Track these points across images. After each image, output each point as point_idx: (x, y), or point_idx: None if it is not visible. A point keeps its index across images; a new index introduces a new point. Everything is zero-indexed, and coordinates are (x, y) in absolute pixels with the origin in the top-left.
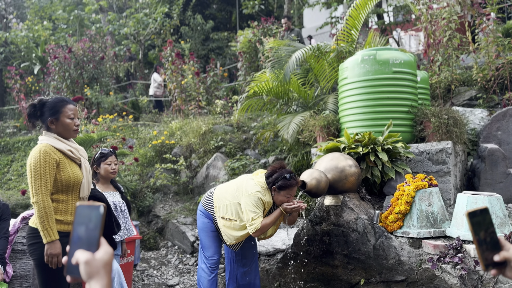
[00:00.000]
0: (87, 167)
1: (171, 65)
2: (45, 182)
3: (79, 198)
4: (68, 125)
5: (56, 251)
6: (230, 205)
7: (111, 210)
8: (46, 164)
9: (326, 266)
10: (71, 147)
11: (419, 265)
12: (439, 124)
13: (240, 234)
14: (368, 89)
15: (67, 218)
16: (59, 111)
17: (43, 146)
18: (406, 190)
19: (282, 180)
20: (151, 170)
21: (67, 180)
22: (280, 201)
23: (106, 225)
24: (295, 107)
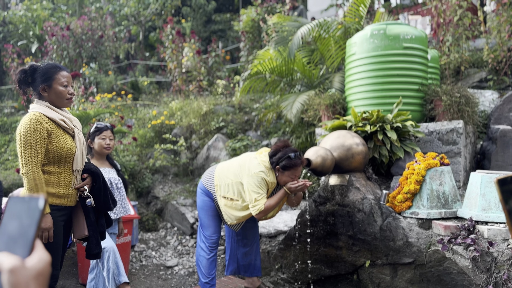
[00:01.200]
0: (81, 138)
1: (171, 44)
2: (35, 152)
3: (72, 170)
4: (61, 93)
5: (47, 224)
6: (232, 184)
7: (106, 185)
8: (36, 133)
9: (330, 247)
10: (64, 117)
11: (428, 247)
12: (451, 103)
13: (241, 214)
14: (377, 66)
15: (59, 191)
16: (51, 78)
17: (34, 114)
18: (417, 168)
19: (286, 160)
20: (151, 151)
21: (59, 151)
22: (284, 182)
23: (101, 200)
24: (299, 87)
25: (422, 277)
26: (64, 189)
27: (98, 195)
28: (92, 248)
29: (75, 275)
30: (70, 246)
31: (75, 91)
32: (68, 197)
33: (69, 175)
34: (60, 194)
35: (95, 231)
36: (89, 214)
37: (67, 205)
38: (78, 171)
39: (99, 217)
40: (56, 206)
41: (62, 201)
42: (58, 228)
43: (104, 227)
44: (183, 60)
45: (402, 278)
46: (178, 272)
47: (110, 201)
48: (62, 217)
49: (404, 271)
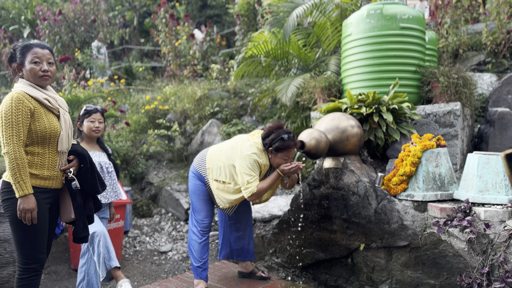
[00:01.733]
0: (67, 119)
1: (164, 27)
2: (17, 131)
3: (57, 151)
4: (31, 70)
5: (29, 205)
6: (224, 167)
7: (94, 168)
8: (18, 112)
9: (324, 231)
10: (47, 96)
11: (424, 230)
12: (448, 85)
13: (234, 197)
14: (374, 46)
15: (43, 173)
16: (23, 56)
17: (16, 93)
18: (412, 150)
19: (279, 141)
20: (144, 137)
21: (43, 131)
22: (277, 164)
23: (88, 183)
24: (295, 70)
25: (417, 260)
26: (48, 170)
27: (85, 177)
28: (79, 231)
29: (67, 261)
30: (63, 232)
31: (66, 75)
32: (53, 179)
33: (54, 156)
34: (44, 176)
35: (82, 214)
36: (76, 197)
37: (52, 187)
38: (64, 152)
39: (87, 200)
40: (40, 188)
41: (46, 183)
42: (44, 211)
43: (92, 210)
44: (176, 43)
45: (397, 261)
46: (172, 257)
47: (98, 184)
48: (47, 199)
49: (399, 254)
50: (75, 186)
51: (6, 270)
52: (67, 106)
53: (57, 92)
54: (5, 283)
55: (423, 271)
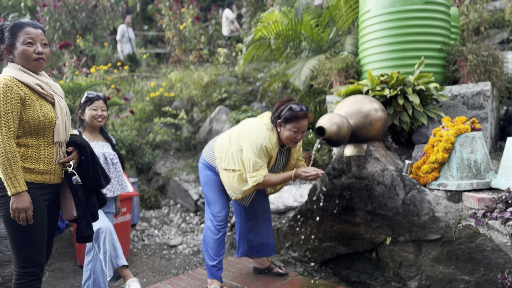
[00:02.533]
0: (63, 106)
1: (168, 11)
2: (6, 122)
3: (53, 143)
4: (24, 52)
5: (23, 204)
6: (233, 154)
7: (96, 160)
8: (7, 100)
9: (346, 223)
10: (40, 81)
11: (458, 222)
12: (477, 63)
13: (246, 187)
14: (395, 23)
15: (38, 167)
16: (14, 36)
17: (5, 79)
18: (445, 135)
19: (288, 111)
20: (150, 125)
21: (36, 121)
22: (286, 137)
23: (91, 177)
24: (307, 52)
25: (450, 254)
26: (44, 164)
27: (86, 171)
28: (82, 230)
29: (72, 257)
30: (68, 226)
31: (67, 62)
32: (50, 174)
33: (50, 148)
34: (40, 170)
35: (84, 212)
36: (77, 193)
37: (50, 182)
38: (61, 143)
39: (90, 196)
40: (37, 184)
41: (43, 178)
42: (41, 209)
43: (95, 206)
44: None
45: (428, 256)
46: (182, 251)
47: (101, 177)
48: (45, 196)
49: (430, 248)
50: (76, 181)
51: (8, 268)
52: (63, 92)
53: (58, 80)
54: (7, 281)
55: (457, 266)
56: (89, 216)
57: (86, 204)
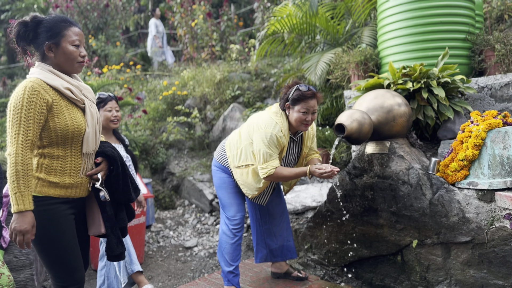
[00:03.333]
0: (94, 113)
1: (180, 8)
2: (25, 129)
3: (81, 154)
4: (71, 53)
5: (22, 226)
6: (243, 149)
7: (126, 171)
8: (31, 105)
9: (368, 225)
10: (70, 85)
11: (491, 223)
12: (505, 53)
13: (260, 184)
14: (416, 12)
15: (64, 180)
16: (60, 34)
17: (31, 81)
18: (475, 130)
19: (295, 91)
20: (164, 125)
21: (64, 130)
22: (296, 120)
23: (120, 190)
24: (322, 46)
25: (481, 258)
26: (70, 177)
27: (115, 184)
28: (113, 248)
29: None
30: None
31: None
32: (76, 187)
33: (77, 159)
34: (65, 184)
35: (114, 228)
36: (105, 208)
37: (76, 196)
38: (90, 154)
39: (119, 210)
40: (59, 199)
41: (68, 192)
42: (68, 224)
43: (125, 221)
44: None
45: (457, 259)
46: (198, 253)
47: (131, 190)
48: (70, 209)
49: (459, 251)
50: (103, 198)
51: (23, 273)
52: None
53: None
54: (22, 287)
55: (489, 270)
56: (118, 232)
57: (115, 220)
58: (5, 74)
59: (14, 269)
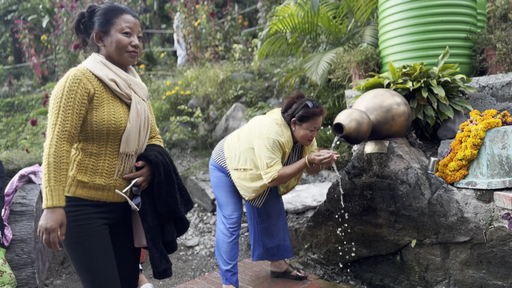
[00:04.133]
0: (141, 110)
1: (183, 8)
2: (63, 119)
3: (118, 153)
4: (119, 41)
5: (50, 223)
6: (243, 153)
7: (173, 180)
8: (71, 93)
9: (368, 225)
10: (117, 76)
11: (489, 223)
12: (507, 52)
13: (258, 184)
14: (417, 11)
15: (94, 180)
16: (109, 22)
17: (76, 70)
18: (473, 130)
19: (303, 109)
20: (167, 124)
21: (100, 124)
22: (302, 137)
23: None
24: (324, 45)
25: (480, 258)
26: (102, 178)
27: (157, 194)
28: (156, 264)
29: None
30: None
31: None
32: (108, 190)
33: (113, 159)
34: (94, 185)
35: (155, 241)
36: (146, 217)
37: (108, 200)
38: (129, 155)
39: (165, 222)
40: (87, 201)
41: (98, 194)
42: (97, 229)
43: (172, 235)
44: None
45: (456, 259)
46: (199, 252)
47: (178, 203)
48: (102, 215)
49: (458, 251)
50: (134, 207)
51: (24, 272)
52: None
53: None
54: (24, 285)
55: (488, 270)
56: (161, 245)
57: (158, 232)
58: (12, 74)
59: (16, 267)
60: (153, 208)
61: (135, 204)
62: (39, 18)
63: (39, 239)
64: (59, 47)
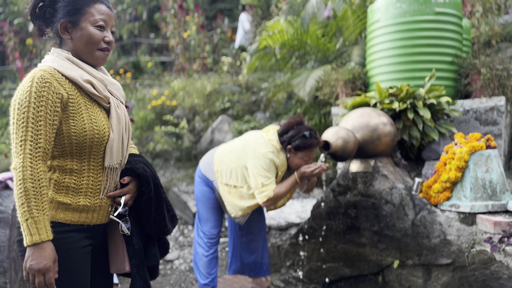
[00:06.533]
0: (121, 114)
1: (173, 19)
2: (34, 134)
3: (103, 168)
4: (91, 36)
5: (41, 263)
6: (235, 169)
7: (161, 195)
8: (41, 101)
9: (351, 244)
10: (93, 77)
11: (471, 246)
12: (491, 77)
13: (247, 204)
14: (405, 34)
15: (77, 201)
16: (80, 11)
17: (42, 70)
18: (458, 152)
19: (300, 139)
20: (151, 134)
21: (80, 136)
22: (296, 165)
23: (152, 221)
24: (313, 63)
25: (462, 281)
26: (86, 198)
27: (146, 212)
28: None
29: None
30: None
31: None
32: (93, 211)
33: (97, 175)
34: (78, 206)
35: (140, 267)
36: (132, 240)
37: (92, 223)
38: (114, 168)
39: (150, 244)
40: (73, 226)
41: (82, 217)
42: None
43: (156, 258)
44: (184, 35)
45: (437, 282)
46: (179, 267)
47: (166, 219)
48: (85, 240)
49: (440, 273)
50: (123, 232)
51: (1, 279)
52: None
53: None
54: None
55: None
56: (146, 272)
57: (143, 256)
58: None
59: None
60: (139, 228)
61: (122, 231)
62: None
63: (12, 248)
64: (44, 52)
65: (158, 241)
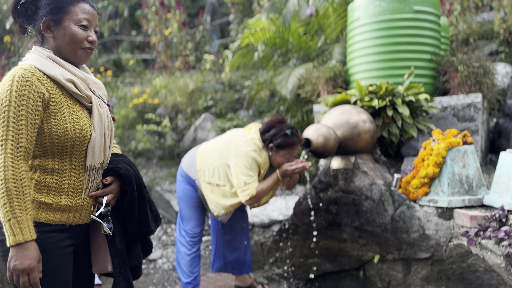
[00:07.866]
0: (104, 114)
1: (154, 16)
2: (15, 133)
3: (84, 167)
4: (74, 35)
5: (25, 263)
6: (217, 167)
7: (144, 195)
8: (22, 100)
9: (332, 240)
10: (74, 76)
11: (449, 240)
12: (468, 74)
13: (230, 202)
14: (384, 32)
15: (59, 201)
16: (63, 9)
17: (22, 69)
18: (435, 148)
19: (281, 137)
20: (133, 133)
21: (62, 135)
22: (278, 163)
23: (135, 221)
24: (295, 60)
25: (440, 274)
26: (68, 197)
27: (129, 212)
28: None
29: None
30: None
31: None
32: (75, 211)
33: (79, 175)
34: (60, 206)
35: (123, 267)
36: (114, 239)
37: (74, 223)
38: (96, 168)
39: (133, 244)
40: (55, 226)
41: (64, 217)
42: (62, 261)
43: (139, 259)
44: (166, 32)
45: (417, 276)
46: (162, 266)
47: (150, 219)
48: (67, 240)
49: (419, 267)
50: (104, 232)
51: None
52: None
53: None
54: None
55: (447, 286)
56: (128, 272)
57: (126, 256)
58: None
59: None
60: (121, 228)
61: (104, 231)
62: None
63: None
64: (23, 50)
65: (141, 241)
